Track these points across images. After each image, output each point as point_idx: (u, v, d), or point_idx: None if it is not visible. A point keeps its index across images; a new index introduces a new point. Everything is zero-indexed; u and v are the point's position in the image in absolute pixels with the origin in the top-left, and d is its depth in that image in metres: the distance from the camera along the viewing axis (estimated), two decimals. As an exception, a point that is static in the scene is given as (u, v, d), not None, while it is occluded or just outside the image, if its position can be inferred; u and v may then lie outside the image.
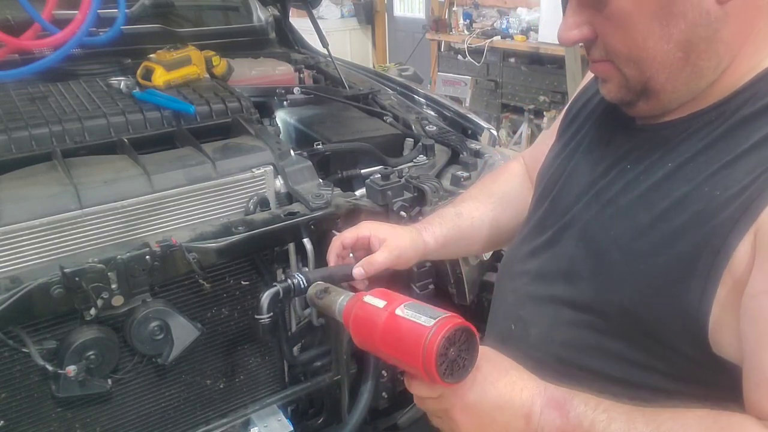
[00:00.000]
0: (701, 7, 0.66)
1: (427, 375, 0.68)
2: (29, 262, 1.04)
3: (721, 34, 0.67)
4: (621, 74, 0.74)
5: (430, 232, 1.06)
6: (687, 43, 0.68)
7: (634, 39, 0.70)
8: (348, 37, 7.43)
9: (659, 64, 0.70)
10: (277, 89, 1.81)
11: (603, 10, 0.70)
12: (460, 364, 0.69)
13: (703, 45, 0.68)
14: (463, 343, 0.68)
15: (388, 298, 0.76)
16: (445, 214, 1.11)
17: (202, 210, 1.21)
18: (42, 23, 1.48)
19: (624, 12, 0.69)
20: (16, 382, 1.03)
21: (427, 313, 0.70)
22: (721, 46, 0.68)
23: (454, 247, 1.10)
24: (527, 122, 5.31)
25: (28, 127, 1.26)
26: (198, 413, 1.25)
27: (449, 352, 0.67)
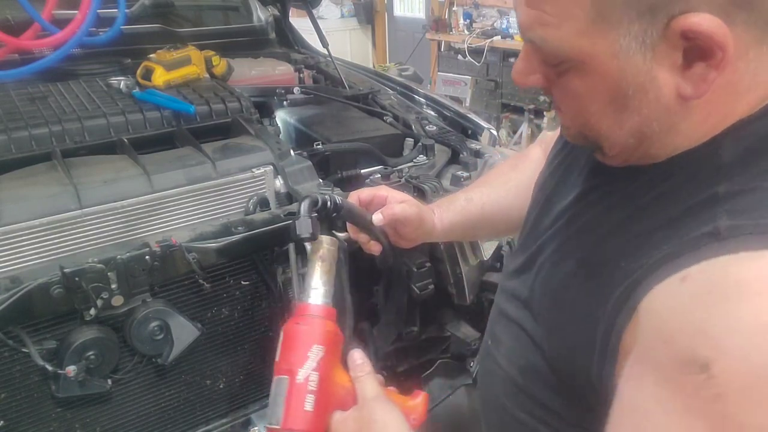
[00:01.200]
0: (659, 104, 0.58)
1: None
2: (29, 262, 1.04)
3: (680, 127, 0.59)
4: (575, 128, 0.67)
5: (438, 215, 1.07)
6: (640, 133, 0.61)
7: (585, 117, 0.63)
8: (348, 37, 7.42)
9: (611, 143, 0.64)
10: (277, 89, 1.81)
11: (558, 77, 0.62)
12: None
13: (656, 137, 0.61)
14: None
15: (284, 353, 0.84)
16: (454, 199, 1.11)
17: (202, 210, 1.21)
18: (42, 23, 1.48)
19: (577, 90, 0.61)
20: (16, 382, 1.03)
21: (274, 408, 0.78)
22: (678, 138, 0.60)
23: (461, 232, 1.10)
24: (527, 122, 5.31)
25: (28, 127, 1.26)
26: (198, 413, 1.25)
27: None
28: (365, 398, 0.80)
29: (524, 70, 0.65)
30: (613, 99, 0.59)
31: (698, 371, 0.48)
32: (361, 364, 0.85)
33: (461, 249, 1.44)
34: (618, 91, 0.58)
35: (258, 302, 1.25)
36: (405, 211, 1.00)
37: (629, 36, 0.54)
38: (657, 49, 0.54)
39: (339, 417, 0.80)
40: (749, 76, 0.56)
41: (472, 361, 1.55)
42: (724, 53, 0.52)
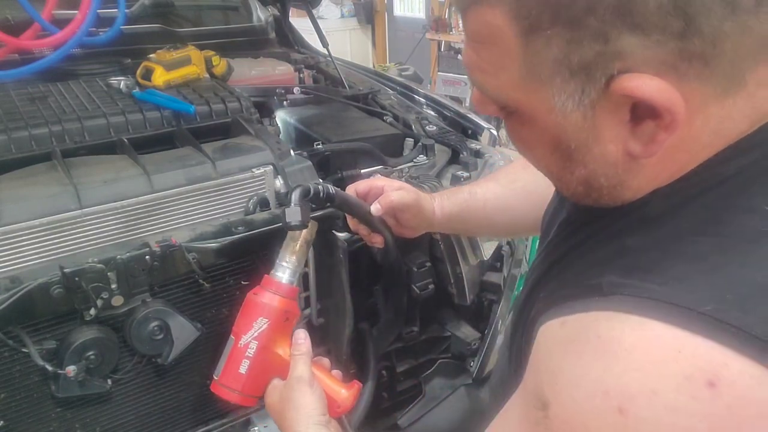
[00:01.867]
0: (605, 160, 0.54)
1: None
2: (29, 262, 1.04)
3: (630, 183, 0.56)
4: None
5: (438, 203, 1.07)
6: (588, 184, 0.57)
7: (535, 158, 0.61)
8: (348, 37, 7.43)
9: (562, 185, 0.61)
10: (277, 89, 1.81)
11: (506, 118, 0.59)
12: None
13: (605, 190, 0.57)
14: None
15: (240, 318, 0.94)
16: (458, 191, 1.11)
17: (202, 210, 1.21)
18: (42, 23, 1.48)
19: (521, 134, 0.59)
20: (16, 382, 1.03)
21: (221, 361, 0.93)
22: (628, 192, 0.57)
23: (461, 224, 1.10)
24: (527, 122, 5.30)
25: (28, 127, 1.25)
26: (198, 413, 1.25)
27: None
28: (291, 377, 0.89)
29: (480, 101, 0.60)
30: (556, 149, 0.56)
31: (540, 408, 0.50)
32: (300, 344, 0.92)
33: (461, 249, 1.44)
34: (560, 143, 0.55)
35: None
36: (402, 198, 1.01)
37: (564, 94, 0.50)
38: (598, 107, 0.50)
39: (274, 383, 0.91)
40: (709, 131, 0.51)
41: (472, 361, 1.55)
42: (672, 116, 0.47)
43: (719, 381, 0.42)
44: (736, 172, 0.51)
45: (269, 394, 0.91)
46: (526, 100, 0.54)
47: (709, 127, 0.50)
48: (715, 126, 0.50)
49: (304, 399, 0.86)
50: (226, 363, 0.90)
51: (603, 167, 0.55)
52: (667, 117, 0.47)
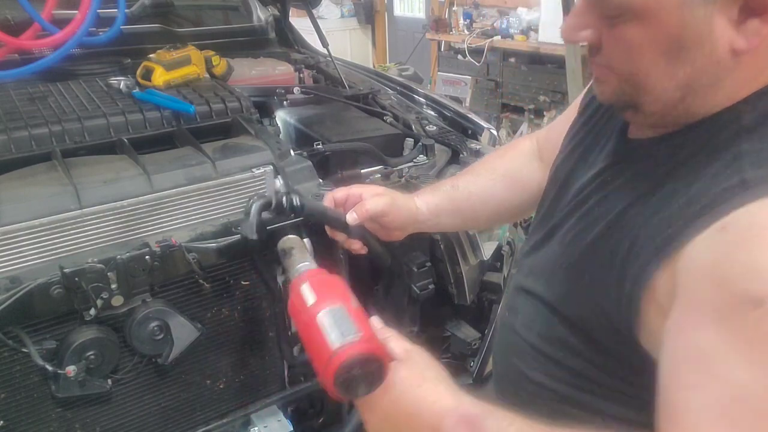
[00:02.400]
0: (713, 57, 0.62)
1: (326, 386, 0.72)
2: (29, 262, 1.04)
3: (725, 83, 0.65)
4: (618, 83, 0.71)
5: (423, 199, 1.07)
6: (688, 86, 0.65)
7: (637, 67, 0.67)
8: (348, 37, 7.42)
9: (655, 97, 0.68)
10: (277, 89, 1.81)
11: (612, 28, 0.67)
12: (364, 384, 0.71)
13: (702, 91, 0.65)
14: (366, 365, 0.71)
15: (324, 293, 0.79)
16: (439, 186, 1.12)
17: (202, 210, 1.21)
18: (42, 23, 1.48)
19: (633, 40, 0.65)
20: (16, 382, 1.03)
21: (342, 327, 0.73)
22: (720, 93, 0.66)
23: (449, 218, 1.10)
24: (527, 122, 5.31)
25: (28, 127, 1.25)
26: (198, 413, 1.25)
27: (352, 372, 0.70)
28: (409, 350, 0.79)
29: (576, 25, 0.70)
30: (668, 50, 0.63)
31: (755, 307, 0.52)
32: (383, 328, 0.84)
33: (461, 249, 1.44)
34: (675, 42, 0.63)
35: (258, 302, 1.25)
36: (377, 204, 1.01)
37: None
38: (718, 2, 0.59)
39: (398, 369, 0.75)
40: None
41: (472, 361, 1.55)
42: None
43: None
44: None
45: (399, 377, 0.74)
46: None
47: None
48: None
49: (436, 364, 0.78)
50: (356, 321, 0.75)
51: (708, 65, 0.63)
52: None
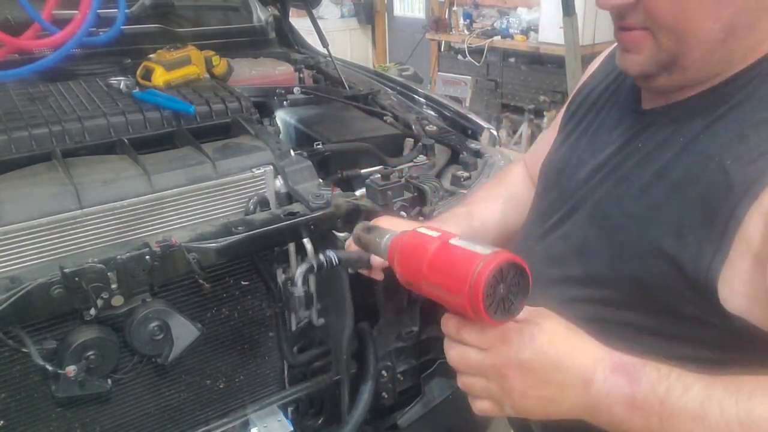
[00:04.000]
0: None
1: (472, 307, 0.62)
2: (29, 262, 1.04)
3: (761, 24, 0.69)
4: (655, 44, 0.73)
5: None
6: (731, 26, 0.68)
7: (683, 11, 0.69)
8: (348, 37, 7.42)
9: (699, 42, 0.70)
10: (277, 89, 1.81)
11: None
12: (509, 303, 0.63)
13: (742, 31, 0.69)
14: (513, 279, 0.63)
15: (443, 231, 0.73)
16: (458, 213, 1.13)
17: (202, 210, 1.21)
18: (42, 23, 1.48)
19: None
20: (16, 382, 1.03)
21: (482, 244, 0.65)
22: (756, 35, 0.69)
23: None
24: (527, 122, 5.31)
25: (28, 127, 1.25)
26: (198, 413, 1.25)
27: (499, 287, 0.62)
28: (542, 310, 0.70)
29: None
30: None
31: None
32: None
33: (461, 249, 1.44)
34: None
35: (258, 302, 1.25)
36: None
37: None
38: None
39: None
40: None
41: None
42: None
43: None
44: None
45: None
46: None
47: None
48: None
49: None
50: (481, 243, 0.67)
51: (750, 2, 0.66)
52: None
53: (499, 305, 0.63)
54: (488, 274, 0.61)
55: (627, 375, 0.63)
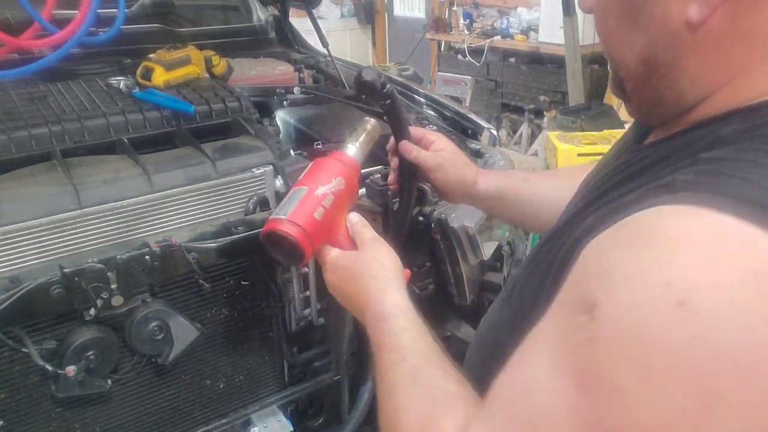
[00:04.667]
0: (666, 26, 0.54)
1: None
2: (29, 262, 1.04)
3: (686, 64, 0.55)
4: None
5: (485, 177, 1.06)
6: (647, 60, 0.58)
7: (606, 33, 0.62)
8: (348, 37, 7.42)
9: (626, 71, 0.62)
10: (277, 89, 1.81)
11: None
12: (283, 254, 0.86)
13: (662, 69, 0.57)
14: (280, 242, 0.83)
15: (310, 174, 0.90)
16: (513, 173, 1.12)
17: (202, 210, 1.21)
18: (41, 23, 1.48)
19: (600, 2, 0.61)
20: (16, 382, 1.03)
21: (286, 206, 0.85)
22: (683, 78, 0.56)
23: (506, 207, 1.07)
24: (527, 122, 5.31)
25: (28, 127, 1.25)
26: (198, 413, 1.25)
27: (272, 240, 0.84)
28: (364, 240, 0.86)
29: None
30: (624, 10, 0.58)
31: (584, 312, 0.46)
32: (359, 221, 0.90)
33: (461, 249, 1.44)
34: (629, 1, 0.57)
35: (258, 302, 1.25)
36: (426, 159, 1.02)
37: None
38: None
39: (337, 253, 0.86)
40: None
41: (473, 361, 1.55)
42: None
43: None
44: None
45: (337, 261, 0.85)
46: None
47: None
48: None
49: (390, 256, 0.83)
50: (299, 205, 0.84)
51: (662, 34, 0.55)
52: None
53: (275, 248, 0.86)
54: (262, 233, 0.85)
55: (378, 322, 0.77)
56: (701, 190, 0.46)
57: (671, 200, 0.46)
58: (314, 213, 0.84)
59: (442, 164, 1.03)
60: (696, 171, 0.49)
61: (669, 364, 0.41)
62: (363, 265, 0.83)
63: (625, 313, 0.44)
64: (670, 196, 0.47)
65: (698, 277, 0.42)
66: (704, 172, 0.48)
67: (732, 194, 0.44)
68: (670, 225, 0.45)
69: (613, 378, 0.43)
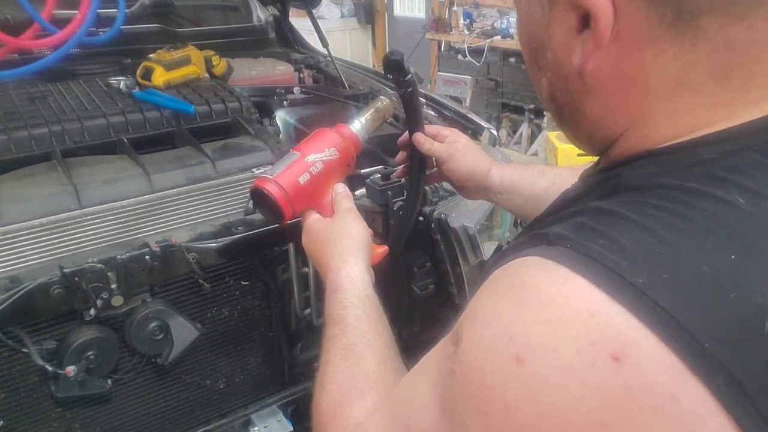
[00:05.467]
0: (558, 72, 0.54)
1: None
2: (29, 262, 1.04)
3: (583, 108, 0.55)
4: None
5: (500, 169, 1.05)
6: (553, 100, 0.57)
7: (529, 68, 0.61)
8: (348, 37, 7.43)
9: (546, 106, 0.61)
10: (277, 89, 1.81)
11: None
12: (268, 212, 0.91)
13: (567, 111, 0.57)
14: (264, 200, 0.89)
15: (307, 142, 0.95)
16: (528, 167, 1.09)
17: (202, 210, 1.21)
18: (41, 23, 1.48)
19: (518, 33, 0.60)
20: (16, 382, 1.03)
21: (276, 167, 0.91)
22: (586, 121, 0.56)
23: (520, 200, 1.06)
24: (527, 122, 5.31)
25: (28, 127, 1.25)
26: (198, 413, 1.25)
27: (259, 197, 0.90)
28: (341, 209, 0.92)
29: None
30: (529, 51, 0.57)
31: (454, 342, 0.49)
32: (342, 192, 0.96)
33: (461, 249, 1.44)
34: (527, 42, 0.57)
35: (258, 302, 1.25)
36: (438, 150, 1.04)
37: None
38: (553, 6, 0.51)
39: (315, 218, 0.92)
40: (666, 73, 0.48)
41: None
42: (596, 23, 0.47)
43: (624, 357, 0.39)
44: (718, 156, 0.47)
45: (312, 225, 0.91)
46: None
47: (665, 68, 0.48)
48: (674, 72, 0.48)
49: (358, 228, 0.89)
50: (287, 168, 0.91)
51: (556, 78, 0.54)
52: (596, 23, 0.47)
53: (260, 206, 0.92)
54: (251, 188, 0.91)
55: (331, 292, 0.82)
56: (569, 246, 0.45)
57: (539, 252, 0.47)
58: (299, 177, 0.90)
59: (454, 154, 1.04)
60: (574, 224, 0.48)
61: (502, 416, 0.43)
62: (331, 232, 0.88)
63: (474, 357, 0.46)
64: (541, 248, 0.47)
65: (538, 338, 0.42)
66: (581, 226, 0.47)
67: (594, 256, 0.43)
68: (528, 277, 0.46)
69: (462, 414, 0.47)
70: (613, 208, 0.48)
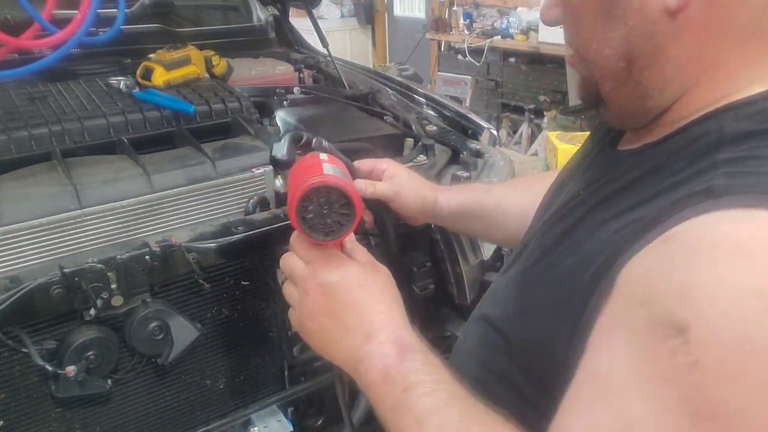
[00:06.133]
0: (644, 15, 0.54)
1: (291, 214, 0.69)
2: (29, 262, 1.04)
3: (669, 52, 0.55)
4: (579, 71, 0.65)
5: (446, 195, 1.04)
6: (628, 53, 0.57)
7: (580, 35, 0.61)
8: (348, 37, 7.43)
9: (603, 71, 0.61)
10: (277, 89, 1.81)
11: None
12: (329, 228, 0.70)
13: (644, 60, 0.57)
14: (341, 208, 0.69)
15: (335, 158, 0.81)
16: (472, 186, 1.10)
17: (202, 210, 1.21)
18: (41, 23, 1.48)
19: (572, 3, 0.60)
20: (15, 382, 1.03)
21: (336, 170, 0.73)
22: (667, 66, 0.56)
23: (471, 221, 1.05)
24: (527, 122, 5.32)
25: (28, 127, 1.25)
26: (198, 413, 1.25)
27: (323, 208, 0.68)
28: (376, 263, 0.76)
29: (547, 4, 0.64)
30: (600, 6, 0.57)
31: (674, 335, 0.43)
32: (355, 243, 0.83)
33: (461, 249, 1.44)
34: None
35: (258, 302, 1.25)
36: (383, 189, 0.99)
37: None
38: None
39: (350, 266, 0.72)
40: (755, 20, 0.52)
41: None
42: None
43: None
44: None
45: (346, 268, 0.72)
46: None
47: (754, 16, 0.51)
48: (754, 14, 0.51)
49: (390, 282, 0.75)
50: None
51: (642, 25, 0.55)
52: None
53: (318, 224, 0.69)
54: (308, 187, 0.67)
55: (399, 350, 0.64)
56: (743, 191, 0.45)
57: (717, 206, 0.45)
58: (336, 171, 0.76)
59: (399, 192, 1.00)
60: (726, 174, 0.47)
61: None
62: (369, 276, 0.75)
63: (724, 332, 0.42)
64: (715, 201, 0.45)
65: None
66: (735, 173, 0.47)
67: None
68: (730, 232, 0.44)
69: (731, 399, 0.42)
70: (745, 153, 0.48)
